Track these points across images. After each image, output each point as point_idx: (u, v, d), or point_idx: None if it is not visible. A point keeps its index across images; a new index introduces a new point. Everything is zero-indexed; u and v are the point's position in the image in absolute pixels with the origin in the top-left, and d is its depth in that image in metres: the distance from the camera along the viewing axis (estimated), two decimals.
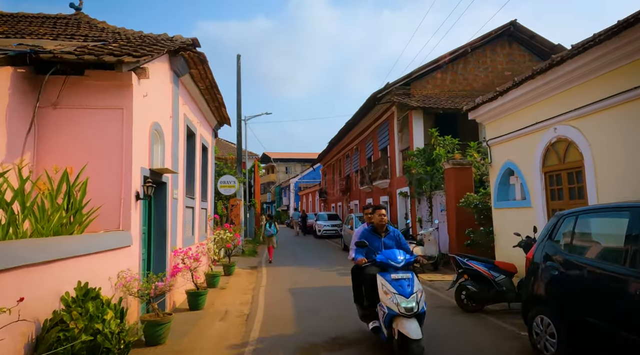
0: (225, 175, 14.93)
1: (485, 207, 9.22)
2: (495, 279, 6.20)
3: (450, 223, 11.09)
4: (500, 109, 8.38)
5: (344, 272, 11.08)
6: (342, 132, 23.53)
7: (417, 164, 13.01)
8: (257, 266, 12.76)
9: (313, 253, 16.40)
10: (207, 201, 10.83)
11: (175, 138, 7.18)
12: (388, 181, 17.37)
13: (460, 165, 10.93)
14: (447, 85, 16.57)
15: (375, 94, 15.98)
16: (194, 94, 8.69)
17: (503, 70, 16.94)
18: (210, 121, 11.14)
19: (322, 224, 24.62)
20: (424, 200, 13.48)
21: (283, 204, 61.15)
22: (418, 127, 14.49)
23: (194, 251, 7.43)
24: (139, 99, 5.35)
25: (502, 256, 8.52)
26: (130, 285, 4.64)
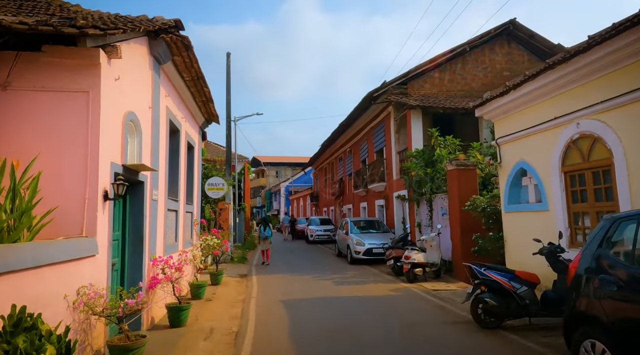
0: (213, 177, 14.09)
1: (494, 211, 8.57)
2: (517, 291, 5.51)
3: (454, 228, 10.42)
4: (512, 104, 7.75)
5: (340, 280, 10.31)
6: (335, 133, 22.84)
7: (416, 166, 12.36)
8: (247, 274, 11.92)
9: (306, 260, 15.61)
10: (193, 204, 10.00)
11: (155, 132, 6.38)
12: (384, 184, 16.70)
13: (465, 166, 10.29)
14: (445, 84, 16.01)
15: (371, 93, 15.33)
16: (178, 86, 7.90)
17: (502, 70, 16.46)
18: (197, 118, 10.34)
19: (314, 228, 23.83)
20: (424, 203, 12.82)
21: (273, 208, 60.23)
22: (417, 128, 13.86)
23: (176, 260, 6.61)
24: (110, 82, 4.56)
25: (514, 264, 7.86)
26: (93, 303, 3.83)
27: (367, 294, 8.43)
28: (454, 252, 10.45)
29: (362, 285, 9.52)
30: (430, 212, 12.40)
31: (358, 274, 11.34)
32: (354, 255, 13.50)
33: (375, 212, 18.02)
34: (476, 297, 5.72)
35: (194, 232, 10.07)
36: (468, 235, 9.87)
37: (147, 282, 5.85)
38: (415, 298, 8.11)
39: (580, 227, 6.40)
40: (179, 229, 8.30)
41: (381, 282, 10.06)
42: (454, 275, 10.39)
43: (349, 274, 11.48)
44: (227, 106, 19.05)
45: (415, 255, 9.93)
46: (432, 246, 10.55)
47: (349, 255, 13.97)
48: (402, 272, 10.94)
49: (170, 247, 7.44)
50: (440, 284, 9.57)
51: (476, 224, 9.54)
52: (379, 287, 9.27)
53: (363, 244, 13.42)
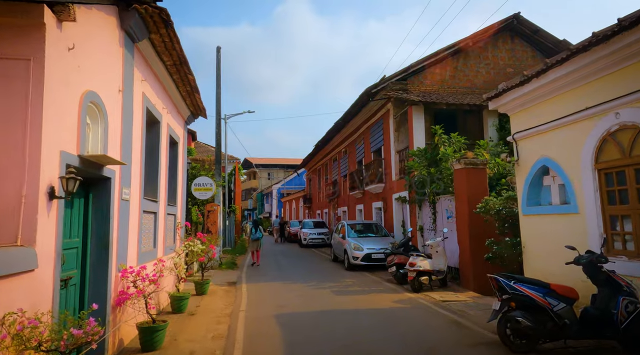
0: (200, 177, 13.11)
1: (510, 214, 7.75)
2: (554, 308, 4.66)
3: (462, 232, 9.60)
4: (533, 94, 6.95)
5: (339, 289, 9.40)
6: (330, 133, 21.98)
7: (419, 165, 11.53)
8: (237, 282, 10.96)
9: (300, 266, 14.67)
10: (176, 206, 9.04)
11: (127, 120, 5.44)
12: (382, 185, 15.86)
13: (474, 165, 9.48)
14: (446, 81, 15.25)
15: (369, 89, 14.50)
16: (158, 71, 6.96)
17: (505, 66, 15.77)
18: (182, 111, 9.39)
19: (308, 232, 22.91)
20: (426, 206, 11.99)
21: (265, 210, 59.20)
22: (418, 125, 13.05)
23: (151, 270, 5.65)
24: (60, 51, 3.62)
25: (534, 272, 7.05)
26: (27, 335, 2.88)
27: (370, 307, 7.55)
28: (462, 259, 9.62)
29: (363, 296, 8.63)
30: (434, 215, 11.58)
31: (357, 282, 10.45)
32: (351, 260, 12.62)
33: (373, 215, 17.17)
34: (505, 315, 4.86)
35: (177, 237, 9.10)
36: (478, 241, 9.05)
37: (113, 298, 4.90)
38: (425, 312, 7.24)
39: (619, 232, 5.59)
40: (159, 233, 7.34)
41: (384, 291, 9.18)
42: (462, 283, 9.55)
43: (348, 281, 10.58)
44: (217, 102, 18.12)
45: (421, 262, 9.08)
46: (437, 252, 9.71)
47: (346, 261, 13.08)
48: (406, 280, 10.08)
49: (147, 255, 6.49)
50: (448, 294, 8.72)
51: (488, 228, 8.72)
52: (382, 298, 8.39)
53: (361, 249, 12.54)
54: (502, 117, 13.22)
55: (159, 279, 5.62)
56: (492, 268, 8.85)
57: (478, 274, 9.07)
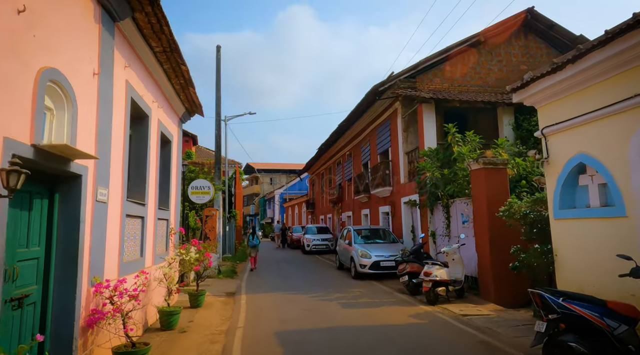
0: (197, 180, 12.35)
1: (539, 218, 6.94)
2: (614, 331, 3.85)
3: (481, 238, 8.78)
4: (567, 83, 6.17)
5: (347, 301, 8.58)
6: (333, 135, 21.23)
7: (431, 166, 10.74)
8: (236, 292, 10.16)
9: (303, 274, 13.85)
10: (169, 210, 8.28)
11: (105, 109, 4.69)
12: (390, 189, 15.06)
13: (493, 165, 8.68)
14: (457, 79, 14.48)
15: (376, 87, 13.75)
16: (145, 58, 6.23)
17: (518, 63, 15.00)
18: (175, 107, 8.66)
19: (311, 238, 22.08)
20: (439, 209, 11.18)
21: (267, 216, 58.45)
22: (429, 124, 12.28)
23: (132, 283, 4.88)
24: (4, 10, 2.88)
25: (568, 285, 6.23)
26: None
27: (384, 322, 6.73)
28: (481, 267, 8.79)
29: (375, 309, 7.81)
30: (448, 220, 10.76)
31: (367, 293, 9.62)
32: (358, 269, 11.79)
33: (380, 220, 16.35)
34: (552, 339, 4.05)
35: (170, 244, 8.33)
36: (500, 247, 8.24)
37: (84, 317, 4.12)
38: (446, 329, 6.41)
39: None
40: (147, 240, 6.57)
41: (396, 303, 8.35)
42: (481, 294, 8.72)
43: (356, 292, 9.76)
44: (217, 103, 17.42)
45: (437, 272, 8.26)
46: (454, 260, 8.90)
47: (352, 269, 12.26)
48: (419, 291, 9.27)
49: (131, 265, 5.71)
50: (468, 307, 7.89)
51: (511, 234, 7.91)
52: (396, 312, 7.57)
53: (369, 256, 11.72)
54: (519, 115, 12.44)
55: (141, 294, 4.84)
56: (517, 278, 8.04)
57: (500, 284, 8.25)
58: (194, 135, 36.64)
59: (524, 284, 8.24)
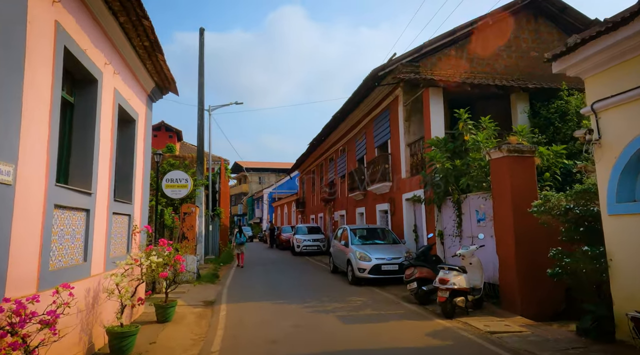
0: (173, 171, 10.84)
1: (587, 214, 5.65)
2: None
3: (504, 239, 7.49)
4: (627, 45, 4.92)
5: (348, 314, 7.18)
6: (326, 129, 19.85)
7: (441, 156, 9.42)
8: (215, 301, 8.71)
9: (294, 278, 12.43)
10: (132, 203, 6.81)
11: (5, 47, 3.23)
12: (389, 185, 13.73)
13: (519, 152, 7.40)
14: (462, 64, 13.22)
15: (375, 71, 12.41)
16: (90, 2, 4.75)
17: (528, 49, 13.81)
18: (142, 78, 7.17)
19: (302, 238, 20.66)
20: (448, 206, 9.88)
21: (255, 216, 56.90)
22: (437, 110, 10.97)
23: (49, 302, 3.42)
24: None
25: (626, 296, 4.98)
26: None
27: (397, 344, 5.36)
28: (504, 273, 7.49)
29: (382, 324, 6.44)
30: (459, 218, 9.46)
31: (368, 302, 8.25)
32: (357, 273, 10.43)
33: (377, 219, 15.02)
34: None
35: (133, 245, 6.86)
36: (528, 250, 6.98)
37: None
38: (476, 353, 5.07)
39: None
40: (95, 240, 5.10)
41: (407, 316, 6.99)
42: (504, 305, 7.42)
43: (356, 301, 8.38)
44: (200, 90, 15.90)
45: (455, 279, 6.93)
46: (471, 264, 7.59)
47: (349, 273, 10.88)
48: (429, 300, 7.98)
49: (65, 274, 4.24)
50: (492, 321, 6.58)
51: (544, 234, 6.65)
52: (408, 328, 6.21)
53: (369, 259, 10.35)
54: (536, 101, 11.22)
55: (80, 313, 3.38)
56: (548, 286, 6.78)
57: (528, 293, 6.98)
58: (179, 131, 34.95)
59: (555, 292, 7.01)
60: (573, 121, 9.99)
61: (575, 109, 10.13)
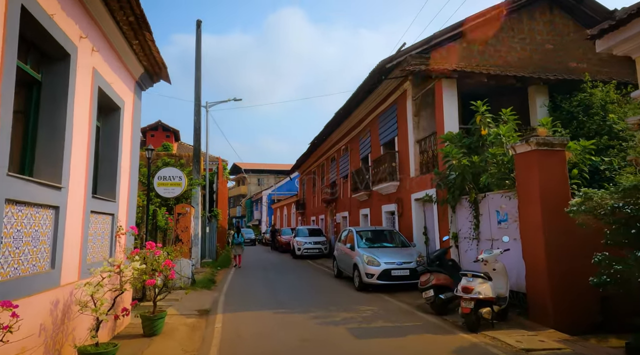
0: (165, 168, 10.05)
1: None
2: None
3: (532, 242, 6.72)
4: None
5: (358, 325, 6.39)
6: (329, 127, 19.11)
7: (457, 152, 8.67)
8: (211, 310, 7.92)
9: (296, 284, 11.65)
10: (116, 201, 6.03)
11: None
12: (396, 184, 12.97)
13: (549, 146, 6.64)
14: (474, 57, 12.45)
15: (383, 63, 11.66)
16: None
17: (543, 42, 13.05)
18: (129, 62, 6.40)
19: (303, 241, 19.87)
20: (464, 206, 9.12)
21: (254, 218, 56.09)
22: (451, 103, 10.22)
23: None
24: None
25: None
26: None
27: None
28: (532, 280, 6.72)
29: (400, 339, 5.65)
30: (476, 219, 8.69)
31: (380, 312, 7.47)
32: (364, 278, 9.64)
33: (383, 221, 14.25)
34: None
35: (117, 248, 6.07)
36: (562, 255, 6.23)
37: None
38: None
39: None
40: (67, 242, 4.32)
41: (426, 329, 6.21)
42: (533, 316, 6.64)
43: (366, 310, 7.59)
44: (197, 85, 15.13)
45: (480, 287, 6.15)
46: (495, 270, 6.82)
47: (356, 279, 10.10)
48: (446, 309, 7.22)
49: (24, 284, 3.47)
50: (524, 336, 5.80)
51: (581, 237, 5.89)
52: (429, 344, 5.44)
53: (378, 264, 9.57)
54: (557, 94, 10.49)
55: (44, 332, 2.60)
56: (583, 296, 6.01)
57: (562, 303, 6.21)
58: (176, 131, 34.13)
59: (591, 303, 6.25)
60: (599, 115, 9.26)
61: (600, 101, 9.41)
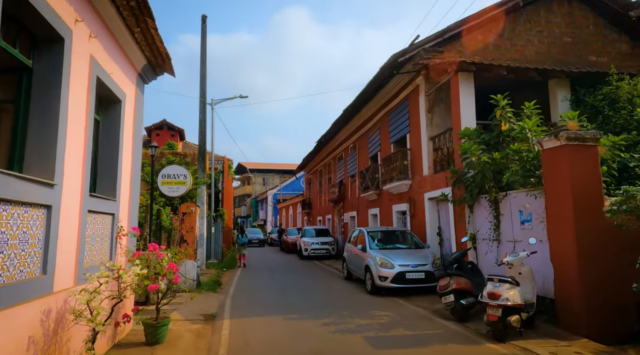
0: (170, 166, 9.66)
1: None
2: None
3: (562, 244, 6.25)
4: None
5: (376, 334, 5.94)
6: (336, 125, 18.67)
7: (476, 149, 8.20)
8: (217, 315, 7.53)
9: (305, 287, 11.22)
10: (116, 200, 5.64)
11: None
12: (408, 183, 12.51)
13: (581, 140, 6.16)
14: (490, 51, 11.97)
15: (395, 57, 11.21)
16: None
17: (562, 35, 12.54)
18: (130, 53, 6.01)
19: (310, 241, 19.45)
20: (482, 206, 8.65)
21: (259, 218, 55.79)
22: (468, 97, 9.73)
23: None
24: None
25: None
26: None
27: None
28: (563, 285, 6.25)
29: (422, 350, 5.21)
30: (496, 219, 8.22)
31: (397, 318, 7.02)
32: (377, 281, 9.20)
33: (394, 221, 13.79)
34: None
35: (118, 250, 5.68)
36: (597, 258, 5.75)
37: None
38: None
39: None
40: (61, 246, 3.93)
41: (449, 339, 5.76)
42: (563, 324, 6.17)
43: (381, 316, 7.15)
44: (202, 81, 14.76)
45: (508, 293, 5.69)
46: (521, 274, 6.35)
47: (368, 281, 9.66)
48: (468, 316, 6.78)
49: (10, 292, 3.07)
50: (557, 347, 5.34)
51: (617, 238, 5.42)
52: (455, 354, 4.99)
53: (391, 266, 9.13)
54: (579, 88, 9.98)
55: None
56: (619, 304, 5.54)
57: (597, 311, 5.74)
58: (181, 130, 33.77)
59: (628, 310, 5.79)
60: (626, 109, 8.75)
61: (627, 95, 8.90)
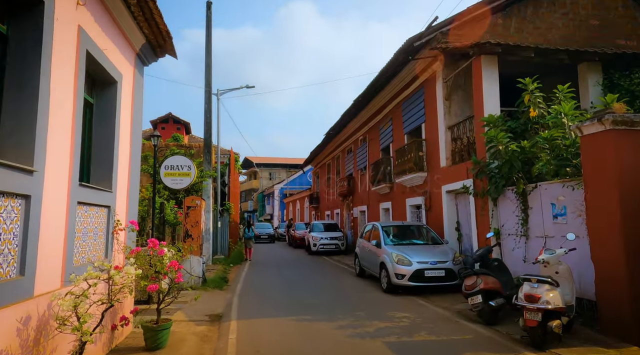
0: (173, 157, 9.12)
1: None
2: None
3: (608, 241, 5.62)
4: None
5: (398, 340, 5.37)
6: (346, 116, 18.02)
7: (504, 136, 7.55)
8: (223, 315, 7.01)
9: (315, 284, 10.68)
10: (112, 191, 5.11)
11: None
12: (423, 175, 11.89)
13: (629, 124, 5.50)
14: (511, 35, 11.25)
15: (410, 41, 10.53)
16: None
17: (588, 17, 11.77)
18: (128, 30, 5.44)
19: (318, 236, 18.90)
20: (508, 199, 8.02)
21: (266, 212, 55.42)
22: (491, 82, 9.05)
23: None
24: None
25: None
26: None
27: None
28: (606, 286, 5.62)
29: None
30: (524, 213, 7.59)
31: (418, 320, 6.45)
32: (393, 279, 8.63)
33: (407, 215, 13.19)
34: None
35: (115, 247, 5.16)
36: None
37: None
38: None
39: None
40: (43, 242, 3.40)
41: (480, 345, 5.18)
42: (603, 328, 5.56)
43: (402, 319, 6.58)
44: (207, 71, 14.21)
45: (548, 295, 5.09)
46: (558, 273, 5.74)
47: (384, 279, 9.09)
48: (496, 319, 6.19)
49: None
50: (603, 354, 4.73)
51: None
52: None
53: (409, 263, 8.54)
54: (614, 71, 9.26)
55: None
56: None
57: None
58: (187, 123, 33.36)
59: None
60: None
61: None
